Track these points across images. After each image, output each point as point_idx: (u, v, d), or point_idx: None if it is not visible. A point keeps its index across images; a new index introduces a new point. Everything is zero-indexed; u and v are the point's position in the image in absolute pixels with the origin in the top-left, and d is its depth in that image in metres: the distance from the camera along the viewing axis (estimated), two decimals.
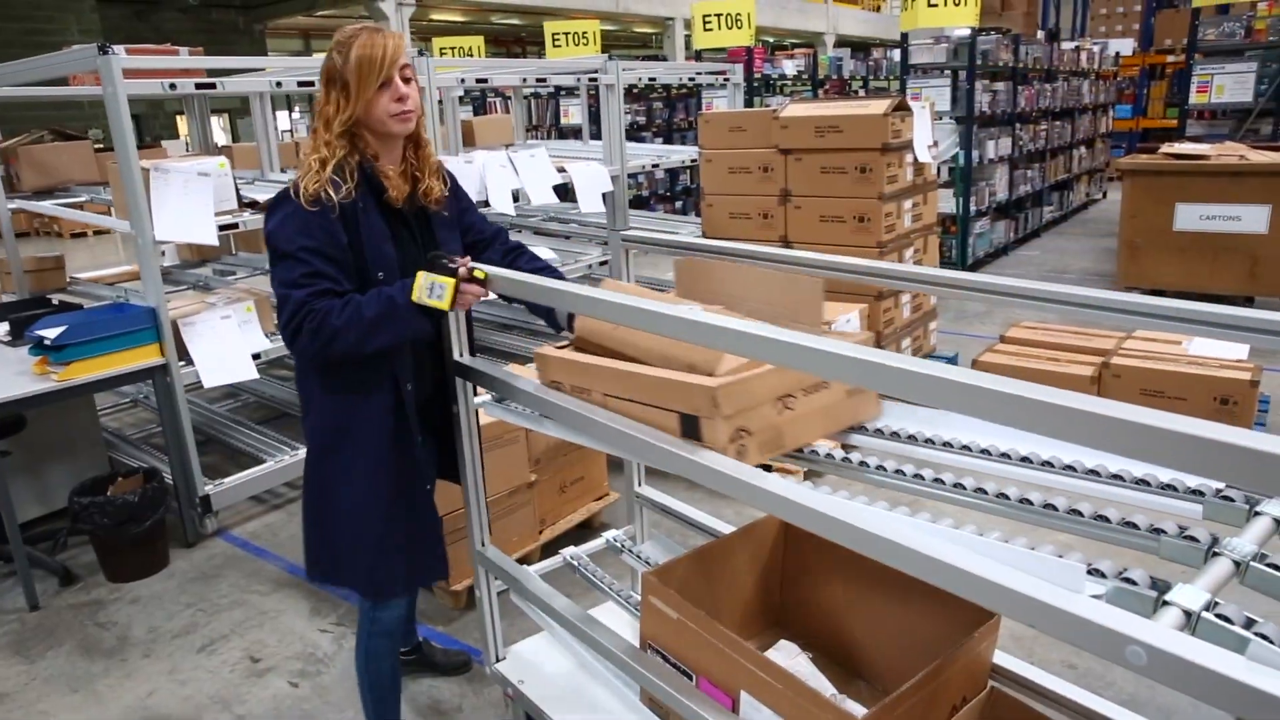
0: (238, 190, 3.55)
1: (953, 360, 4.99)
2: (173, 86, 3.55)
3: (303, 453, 3.90)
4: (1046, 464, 1.42)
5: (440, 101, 5.13)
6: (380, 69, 1.80)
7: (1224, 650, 0.88)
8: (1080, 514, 1.25)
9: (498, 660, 2.27)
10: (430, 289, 1.78)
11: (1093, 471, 1.37)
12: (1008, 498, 1.33)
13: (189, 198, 3.29)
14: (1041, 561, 1.09)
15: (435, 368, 2.04)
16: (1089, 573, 1.08)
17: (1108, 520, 1.23)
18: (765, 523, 2.08)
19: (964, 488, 1.39)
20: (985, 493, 1.37)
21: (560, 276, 2.06)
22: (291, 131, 17.74)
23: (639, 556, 2.47)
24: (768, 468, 1.44)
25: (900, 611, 1.88)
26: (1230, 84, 7.05)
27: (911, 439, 1.58)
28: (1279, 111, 7.03)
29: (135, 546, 3.38)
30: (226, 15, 18.66)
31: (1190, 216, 6.31)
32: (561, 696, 2.13)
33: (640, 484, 2.58)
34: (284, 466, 3.96)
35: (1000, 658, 1.82)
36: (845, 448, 1.60)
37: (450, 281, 1.77)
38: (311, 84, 3.85)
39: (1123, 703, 1.78)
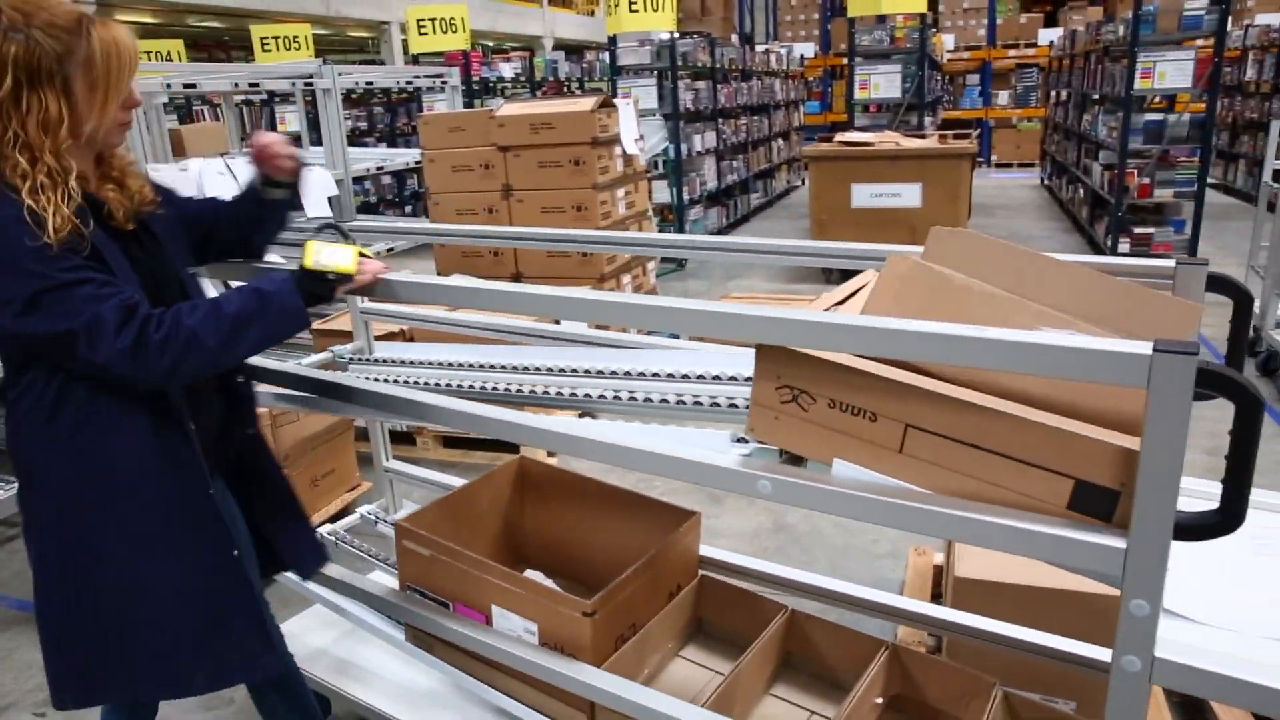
0: None
1: (675, 336, 5.49)
2: None
3: (12, 489, 3.62)
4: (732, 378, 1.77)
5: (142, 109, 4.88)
6: (131, 73, 1.44)
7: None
8: (736, 406, 1.61)
9: None
10: (327, 252, 1.51)
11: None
12: (684, 403, 1.68)
13: None
14: (704, 437, 1.43)
15: (222, 399, 1.71)
16: (735, 440, 1.44)
17: None
18: (504, 469, 2.33)
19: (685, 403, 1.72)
20: (683, 403, 1.70)
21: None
22: None
23: (393, 525, 2.63)
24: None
25: (620, 527, 2.19)
26: (884, 82, 8.31)
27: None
28: (920, 105, 8.35)
29: None
30: None
31: (863, 195, 7.32)
32: (335, 661, 2.27)
33: (388, 459, 2.74)
34: None
35: (709, 551, 2.19)
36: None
37: (351, 247, 1.54)
38: None
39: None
